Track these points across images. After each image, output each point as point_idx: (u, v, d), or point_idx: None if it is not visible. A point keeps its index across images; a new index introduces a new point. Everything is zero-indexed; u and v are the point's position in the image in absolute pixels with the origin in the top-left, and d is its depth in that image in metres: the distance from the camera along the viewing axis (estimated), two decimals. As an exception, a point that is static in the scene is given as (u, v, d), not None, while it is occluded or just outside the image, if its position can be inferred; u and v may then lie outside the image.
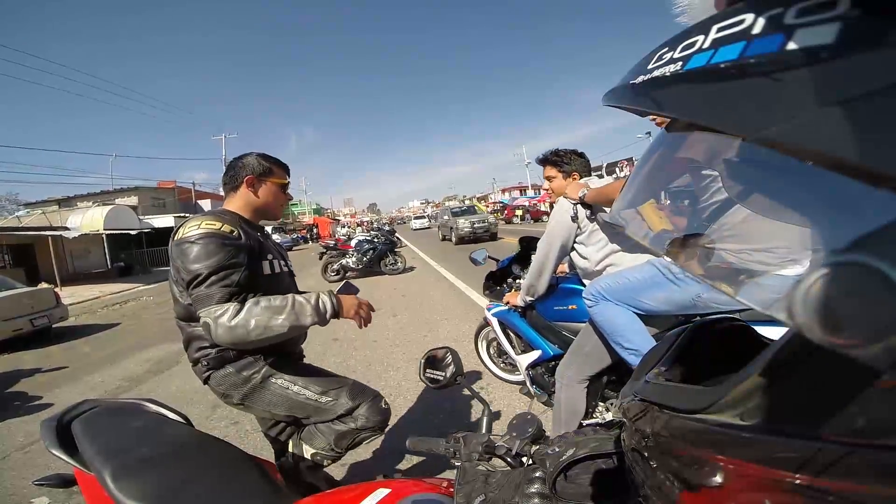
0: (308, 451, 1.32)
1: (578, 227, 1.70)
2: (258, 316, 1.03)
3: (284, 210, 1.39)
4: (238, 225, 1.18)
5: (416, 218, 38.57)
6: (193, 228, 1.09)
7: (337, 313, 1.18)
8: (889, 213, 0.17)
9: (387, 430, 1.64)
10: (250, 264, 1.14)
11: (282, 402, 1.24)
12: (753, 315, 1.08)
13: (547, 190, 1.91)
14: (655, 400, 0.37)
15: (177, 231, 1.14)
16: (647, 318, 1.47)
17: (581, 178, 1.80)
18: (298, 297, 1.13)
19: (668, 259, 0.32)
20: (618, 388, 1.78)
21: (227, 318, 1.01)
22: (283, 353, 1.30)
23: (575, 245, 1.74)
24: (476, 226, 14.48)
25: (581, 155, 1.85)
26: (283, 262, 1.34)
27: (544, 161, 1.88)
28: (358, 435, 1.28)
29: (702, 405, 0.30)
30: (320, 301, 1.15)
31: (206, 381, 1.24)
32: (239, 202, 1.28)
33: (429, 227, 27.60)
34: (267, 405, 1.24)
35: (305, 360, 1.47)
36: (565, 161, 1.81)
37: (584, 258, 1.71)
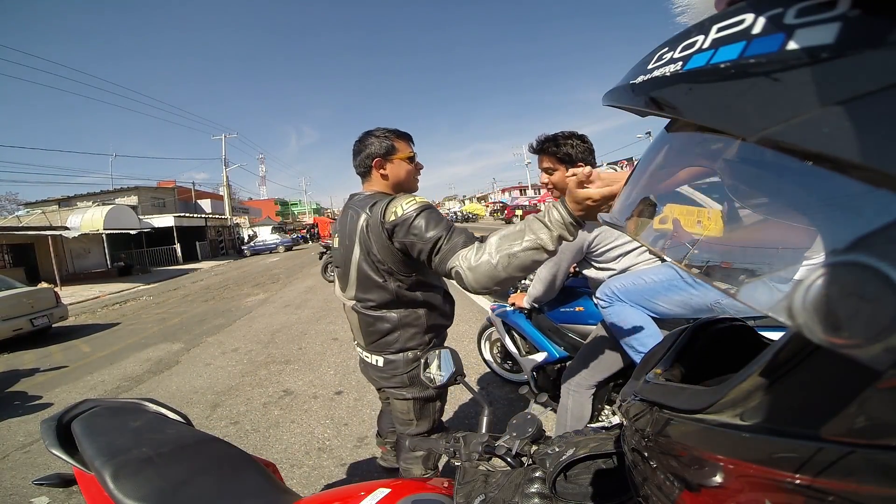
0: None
1: (591, 247, 1.53)
2: (496, 246, 0.97)
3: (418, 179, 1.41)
4: None
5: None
6: (410, 205, 1.11)
7: (577, 220, 0.91)
8: (889, 213, 0.17)
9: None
10: None
11: (420, 419, 1.31)
12: (769, 322, 1.06)
13: (546, 185, 1.65)
14: (656, 400, 0.37)
15: (384, 212, 1.13)
16: (661, 320, 1.41)
17: (586, 166, 1.53)
18: (529, 219, 1.00)
19: (669, 259, 0.32)
20: None
21: (473, 258, 0.99)
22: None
23: (589, 260, 1.59)
24: None
25: (582, 138, 1.57)
26: None
27: (540, 150, 1.60)
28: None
29: (702, 405, 0.30)
30: (550, 212, 0.94)
31: (404, 372, 1.25)
32: (376, 186, 1.30)
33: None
34: (403, 412, 1.31)
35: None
36: (566, 147, 1.54)
37: (603, 271, 1.57)
